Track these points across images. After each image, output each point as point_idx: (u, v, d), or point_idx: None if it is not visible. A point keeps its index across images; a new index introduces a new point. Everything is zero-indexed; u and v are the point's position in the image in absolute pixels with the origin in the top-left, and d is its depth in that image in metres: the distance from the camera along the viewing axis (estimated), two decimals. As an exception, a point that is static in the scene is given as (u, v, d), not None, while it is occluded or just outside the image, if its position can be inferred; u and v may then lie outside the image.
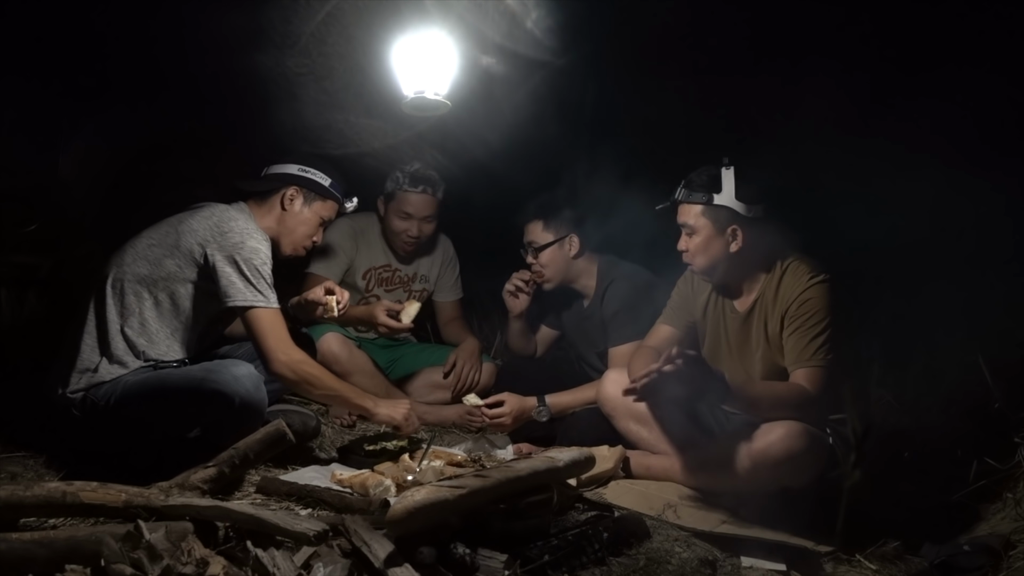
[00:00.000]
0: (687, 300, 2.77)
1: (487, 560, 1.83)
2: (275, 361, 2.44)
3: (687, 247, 2.56)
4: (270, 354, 2.44)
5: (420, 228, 3.34)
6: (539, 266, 3.14)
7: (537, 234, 3.13)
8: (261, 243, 2.48)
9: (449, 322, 3.66)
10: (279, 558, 1.66)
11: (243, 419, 2.26)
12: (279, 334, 2.46)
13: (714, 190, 2.48)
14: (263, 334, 2.44)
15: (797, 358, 2.40)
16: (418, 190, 3.28)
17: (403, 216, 3.30)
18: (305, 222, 2.69)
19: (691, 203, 2.52)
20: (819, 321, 2.38)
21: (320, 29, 3.13)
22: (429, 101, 2.75)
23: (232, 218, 2.49)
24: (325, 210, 2.73)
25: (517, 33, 2.99)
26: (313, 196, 2.69)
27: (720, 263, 2.53)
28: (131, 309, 2.41)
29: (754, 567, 2.12)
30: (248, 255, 2.42)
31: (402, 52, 2.74)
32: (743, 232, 2.48)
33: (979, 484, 2.43)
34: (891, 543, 2.26)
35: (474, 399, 2.96)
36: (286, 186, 2.66)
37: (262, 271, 2.45)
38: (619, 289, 3.07)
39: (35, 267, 3.36)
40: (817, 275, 2.44)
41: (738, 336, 2.59)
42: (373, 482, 2.29)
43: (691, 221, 2.52)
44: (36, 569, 1.57)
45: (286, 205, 2.66)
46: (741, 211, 2.47)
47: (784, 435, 2.27)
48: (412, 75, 2.74)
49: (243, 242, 2.43)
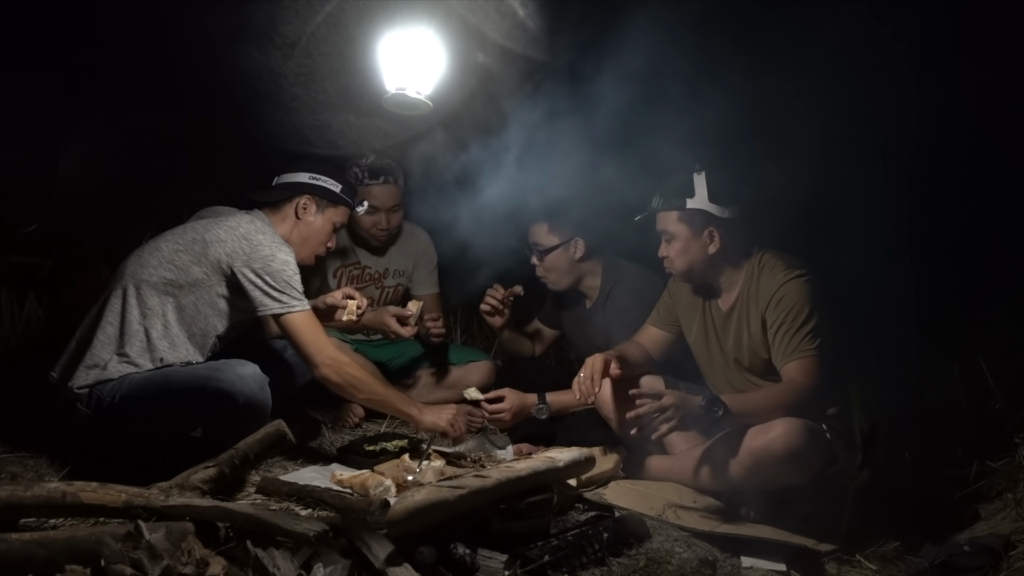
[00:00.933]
0: (675, 301, 2.80)
1: (487, 560, 1.84)
2: (320, 365, 2.48)
3: (667, 253, 2.60)
4: (313, 359, 2.48)
5: (389, 220, 3.28)
6: (543, 268, 3.14)
7: (542, 236, 3.12)
8: (289, 255, 2.52)
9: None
10: (279, 558, 1.66)
11: (247, 419, 2.26)
12: (318, 338, 2.50)
13: (687, 195, 2.52)
14: (302, 340, 2.48)
15: (785, 352, 2.41)
16: (379, 181, 3.21)
17: (370, 211, 3.19)
18: (319, 230, 2.71)
19: (667, 210, 2.57)
20: (799, 314, 2.40)
21: (320, 29, 3.13)
22: (409, 99, 2.73)
23: (259, 230, 2.52)
24: (337, 216, 2.75)
25: (515, 33, 2.99)
26: (325, 203, 2.71)
27: (699, 265, 2.57)
28: (155, 311, 2.43)
29: (754, 567, 2.12)
30: (279, 267, 2.46)
31: (387, 48, 2.73)
32: (719, 233, 2.52)
33: (979, 484, 2.44)
34: (891, 543, 2.26)
35: (475, 393, 2.94)
36: (299, 195, 2.68)
37: (292, 282, 2.48)
38: (624, 292, 3.06)
39: (35, 267, 3.37)
40: (792, 271, 2.46)
41: (724, 333, 2.62)
42: (373, 482, 2.29)
43: (669, 228, 2.57)
44: (36, 569, 1.57)
45: (300, 214, 2.68)
46: (716, 212, 2.51)
47: (784, 432, 2.28)
48: (395, 72, 2.73)
49: (273, 255, 2.47)
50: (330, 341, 2.57)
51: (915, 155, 3.12)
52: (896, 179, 3.14)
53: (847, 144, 3.06)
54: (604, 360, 2.52)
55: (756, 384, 2.54)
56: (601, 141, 2.81)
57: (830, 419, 2.39)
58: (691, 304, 2.73)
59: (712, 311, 2.66)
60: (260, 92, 3.37)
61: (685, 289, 2.75)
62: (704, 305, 2.69)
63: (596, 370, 2.51)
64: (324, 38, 3.18)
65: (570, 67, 3.06)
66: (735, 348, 2.57)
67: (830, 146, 2.95)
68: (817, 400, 2.37)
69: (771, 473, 2.30)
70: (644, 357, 2.79)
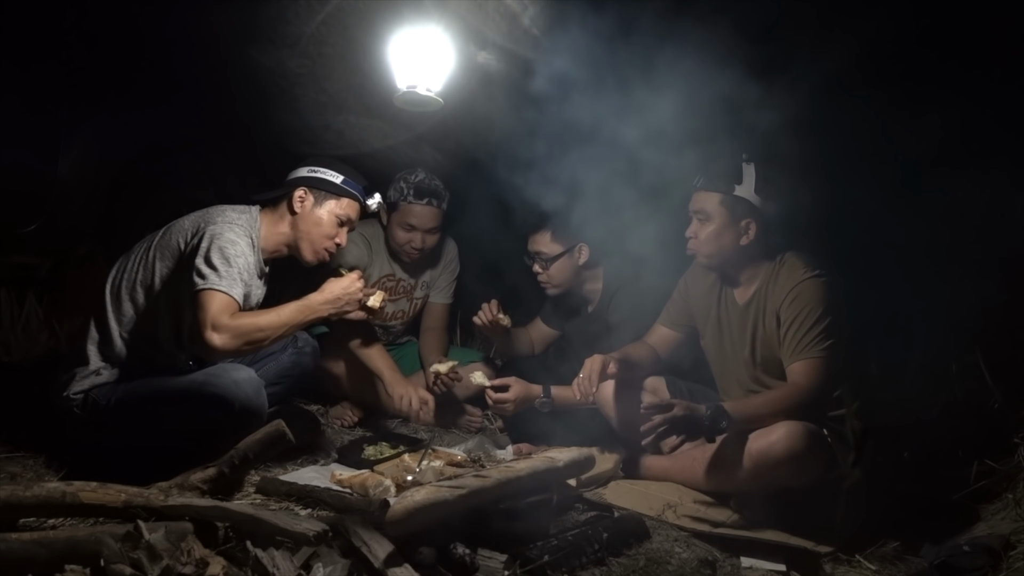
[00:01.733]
0: (686, 299, 2.78)
1: (487, 560, 1.84)
2: (206, 328, 2.23)
3: (697, 234, 2.56)
4: (203, 326, 2.24)
5: (424, 240, 3.18)
6: (547, 276, 3.11)
7: (545, 244, 3.08)
8: (241, 237, 2.39)
9: (429, 330, 3.45)
10: (279, 558, 1.66)
11: (243, 423, 2.26)
12: (222, 315, 2.26)
13: (735, 181, 2.50)
14: (204, 314, 2.24)
15: (793, 352, 2.41)
16: (423, 202, 3.12)
17: (407, 228, 3.15)
18: (319, 223, 2.57)
19: (710, 191, 2.53)
20: (811, 314, 2.39)
21: (320, 29, 3.12)
22: (420, 96, 2.72)
23: (222, 211, 2.43)
24: (341, 208, 2.60)
25: (517, 32, 2.99)
26: (324, 195, 2.57)
27: (727, 253, 2.55)
28: (127, 314, 2.41)
29: (754, 567, 2.12)
30: (223, 244, 2.33)
31: (397, 46, 2.73)
32: (756, 226, 2.50)
33: (979, 484, 2.43)
34: (891, 543, 2.26)
35: (482, 378, 2.91)
36: (294, 189, 2.57)
37: (231, 261, 2.33)
38: (627, 296, 3.05)
39: (35, 267, 3.37)
40: (811, 271, 2.45)
41: (739, 328, 2.61)
42: (373, 482, 2.29)
43: (708, 208, 2.53)
44: (36, 569, 1.58)
45: (296, 208, 2.55)
46: (758, 205, 2.49)
47: (785, 435, 2.27)
48: (405, 70, 2.73)
49: (221, 233, 2.35)
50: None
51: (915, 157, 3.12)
52: (895, 181, 3.13)
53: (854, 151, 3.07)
54: (603, 361, 2.52)
55: (768, 384, 2.54)
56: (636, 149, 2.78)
57: (832, 421, 2.38)
58: (706, 299, 2.72)
59: (728, 306, 2.65)
60: (265, 92, 3.36)
61: (700, 284, 2.73)
62: (720, 300, 2.67)
63: (594, 370, 2.51)
64: (327, 38, 3.17)
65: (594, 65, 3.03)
66: (749, 344, 2.56)
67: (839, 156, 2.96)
68: (822, 402, 2.36)
69: (771, 475, 2.30)
70: (651, 357, 2.78)
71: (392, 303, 3.40)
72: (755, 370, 2.57)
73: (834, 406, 2.38)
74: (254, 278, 2.52)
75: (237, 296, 2.32)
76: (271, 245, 2.58)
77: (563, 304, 3.32)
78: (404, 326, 3.51)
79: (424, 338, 3.45)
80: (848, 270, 2.62)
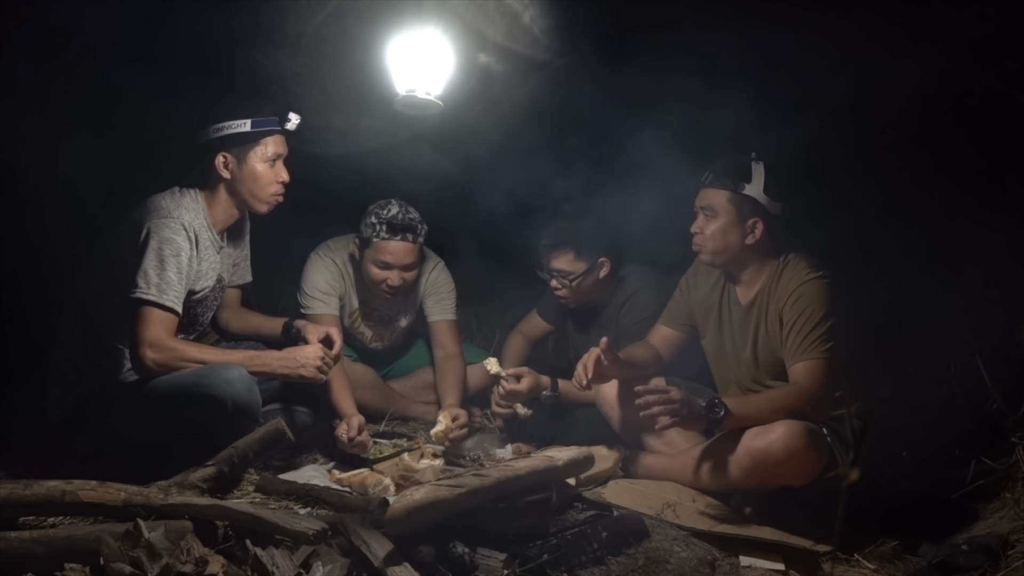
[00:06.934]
0: (688, 298, 2.78)
1: (486, 559, 1.84)
2: (140, 345, 2.26)
3: (702, 230, 2.56)
4: (139, 343, 2.26)
5: (401, 277, 2.98)
6: (568, 292, 3.09)
7: (568, 263, 3.04)
8: (177, 232, 2.35)
9: (440, 361, 3.19)
10: (278, 557, 1.66)
11: (237, 422, 2.26)
12: (158, 332, 2.29)
13: (744, 179, 2.49)
14: (138, 331, 2.27)
15: (795, 352, 2.41)
16: (396, 239, 2.91)
17: (382, 265, 2.95)
18: (256, 176, 2.48)
19: (718, 188, 2.53)
20: (814, 314, 2.40)
21: (320, 29, 3.12)
22: (420, 100, 2.73)
23: (161, 198, 2.41)
24: (267, 151, 2.48)
25: (517, 33, 2.99)
26: (244, 149, 2.45)
27: (732, 252, 2.54)
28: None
29: (753, 566, 2.12)
30: (157, 244, 2.31)
31: (396, 50, 2.73)
32: (763, 226, 2.50)
33: (977, 484, 2.43)
34: (890, 543, 2.26)
35: (495, 366, 2.89)
36: (211, 155, 2.45)
37: (168, 263, 2.31)
38: (641, 300, 3.05)
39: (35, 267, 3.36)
40: (814, 272, 2.45)
41: (741, 328, 2.61)
42: (372, 481, 2.30)
43: (715, 204, 2.53)
44: (35, 567, 1.58)
45: (224, 175, 2.46)
46: (766, 205, 2.49)
47: (784, 434, 2.27)
48: (405, 73, 2.73)
49: (156, 231, 2.32)
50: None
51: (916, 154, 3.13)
52: (895, 180, 3.14)
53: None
54: (597, 353, 2.52)
55: (768, 386, 2.54)
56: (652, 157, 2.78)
57: (832, 421, 2.39)
58: (708, 299, 2.72)
59: (730, 306, 2.65)
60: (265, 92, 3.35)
61: (703, 284, 2.73)
62: (721, 300, 2.67)
63: (589, 359, 2.51)
64: (327, 38, 3.17)
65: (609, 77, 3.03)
66: (751, 344, 2.57)
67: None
68: (824, 404, 2.36)
69: (770, 474, 2.30)
70: (653, 358, 2.78)
71: (369, 328, 3.30)
72: (755, 370, 2.57)
73: (834, 406, 2.39)
74: (211, 256, 2.50)
75: (172, 303, 2.32)
76: (222, 217, 2.55)
77: (570, 310, 3.31)
78: (387, 350, 3.41)
79: (438, 372, 3.19)
80: (848, 270, 2.62)
